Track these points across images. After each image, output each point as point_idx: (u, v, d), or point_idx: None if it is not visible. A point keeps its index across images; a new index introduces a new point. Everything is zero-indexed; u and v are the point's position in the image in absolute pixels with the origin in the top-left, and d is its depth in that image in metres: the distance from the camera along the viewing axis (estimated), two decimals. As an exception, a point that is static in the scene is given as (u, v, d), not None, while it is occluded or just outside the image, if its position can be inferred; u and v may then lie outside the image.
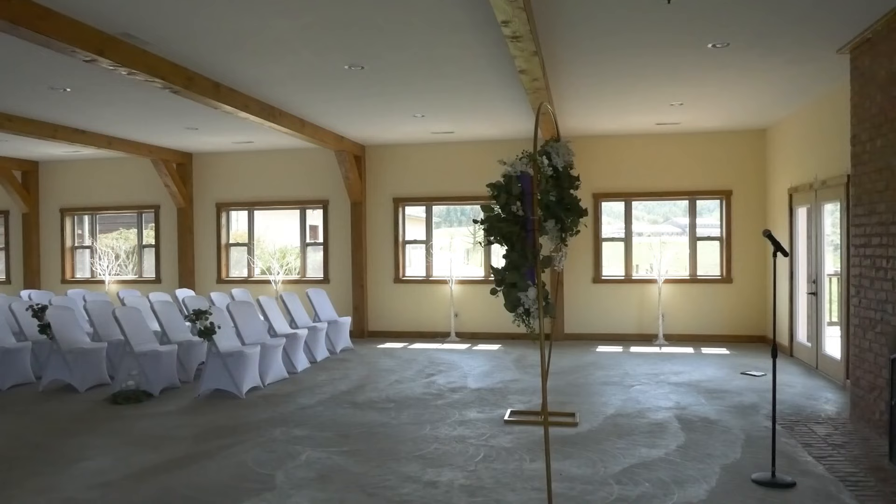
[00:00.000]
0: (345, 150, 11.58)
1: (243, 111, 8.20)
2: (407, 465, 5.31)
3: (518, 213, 4.17)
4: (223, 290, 12.24)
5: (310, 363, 9.62)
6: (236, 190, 13.13)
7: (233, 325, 8.29)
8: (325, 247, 12.77)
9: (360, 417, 6.81)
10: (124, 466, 5.42)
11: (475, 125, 10.54)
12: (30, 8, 5.04)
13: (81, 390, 8.09)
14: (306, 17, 5.62)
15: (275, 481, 5.01)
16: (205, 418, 6.87)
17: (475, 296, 12.06)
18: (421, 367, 9.45)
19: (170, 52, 6.48)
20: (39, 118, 9.71)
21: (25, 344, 8.65)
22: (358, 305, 12.31)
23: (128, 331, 7.88)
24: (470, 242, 14.00)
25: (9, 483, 5.05)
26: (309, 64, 6.99)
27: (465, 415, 6.82)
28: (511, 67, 6.93)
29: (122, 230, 14.74)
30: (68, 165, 13.96)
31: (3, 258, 14.55)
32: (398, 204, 12.42)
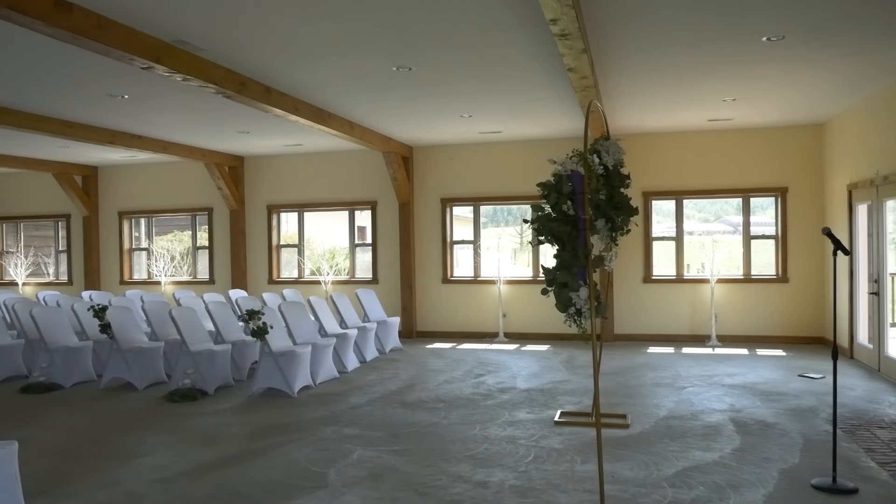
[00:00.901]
0: (392, 152, 11.65)
1: (293, 114, 8.32)
2: (457, 465, 5.31)
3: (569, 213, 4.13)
4: (274, 290, 12.45)
5: (359, 363, 9.72)
6: (286, 192, 13.34)
7: (284, 326, 8.41)
8: (373, 247, 12.88)
9: (409, 417, 6.85)
10: (182, 462, 5.55)
11: (522, 124, 10.50)
12: (90, 18, 5.20)
13: (140, 388, 8.31)
14: (355, 21, 5.68)
15: (327, 479, 5.07)
16: (258, 416, 6.99)
17: (523, 296, 12.01)
18: (470, 367, 9.45)
19: (222, 57, 6.62)
20: (98, 124, 10.02)
21: (87, 343, 8.94)
22: (406, 305, 12.37)
23: (184, 331, 8.07)
24: (517, 242, 13.94)
25: (73, 477, 5.22)
26: (357, 66, 7.06)
27: (514, 415, 6.80)
28: (559, 66, 6.88)
29: (177, 232, 15.11)
30: (125, 170, 14.38)
31: (66, 260, 15.07)
32: (446, 204, 12.45)
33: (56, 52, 6.34)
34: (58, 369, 8.56)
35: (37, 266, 15.28)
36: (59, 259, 15.32)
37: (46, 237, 15.62)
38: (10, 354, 9.14)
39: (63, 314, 9.26)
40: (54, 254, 15.41)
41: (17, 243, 15.67)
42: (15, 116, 8.89)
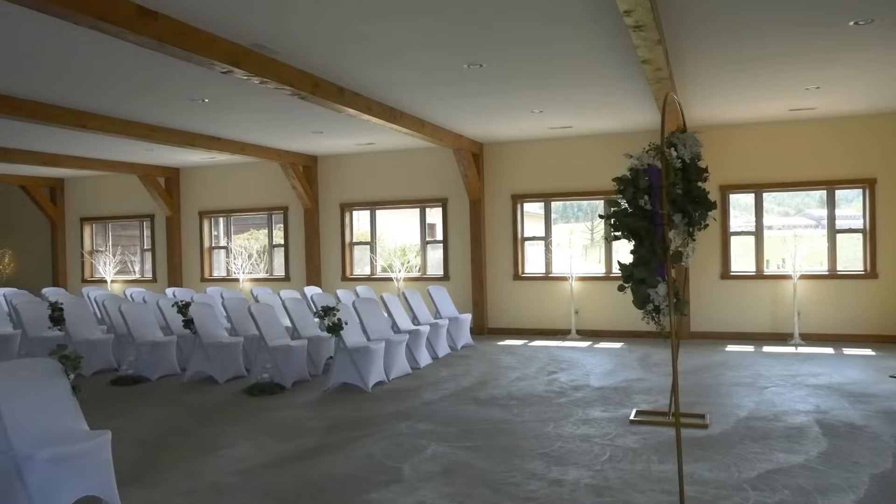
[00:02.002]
0: (463, 149, 11.68)
1: (366, 114, 8.44)
2: (531, 463, 5.29)
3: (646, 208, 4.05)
4: (348, 287, 12.66)
5: (432, 359, 9.79)
6: (358, 190, 13.54)
7: (358, 322, 8.54)
8: (444, 244, 12.94)
9: (482, 414, 6.86)
10: (262, 454, 5.72)
11: (594, 119, 10.35)
12: (174, 26, 5.41)
13: (221, 382, 8.60)
14: (427, 19, 5.71)
15: (402, 474, 5.13)
16: (334, 411, 7.13)
17: (596, 292, 11.85)
18: (542, 364, 9.39)
19: (297, 60, 6.77)
20: (180, 128, 10.40)
21: (171, 338, 9.31)
22: (478, 302, 12.39)
23: (262, 326, 8.30)
24: (588, 238, 13.76)
25: (160, 467, 5.44)
26: (429, 65, 7.10)
27: (588, 413, 6.72)
28: (633, 58, 6.75)
29: (253, 231, 15.55)
30: (205, 171, 14.89)
31: (150, 258, 15.72)
32: (516, 201, 12.40)
33: (141, 60, 6.61)
34: (145, 363, 8.94)
35: (124, 264, 15.98)
36: (144, 257, 15.99)
37: (132, 236, 16.33)
38: (101, 348, 9.59)
39: (149, 310, 9.67)
40: (140, 252, 16.09)
41: (106, 242, 16.43)
42: (104, 122, 9.33)
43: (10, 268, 16.90)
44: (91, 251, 16.52)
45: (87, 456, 4.36)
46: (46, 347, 9.10)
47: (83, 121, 9.02)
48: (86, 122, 9.05)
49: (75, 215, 16.53)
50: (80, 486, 4.33)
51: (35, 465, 4.10)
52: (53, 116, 8.65)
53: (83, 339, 9.32)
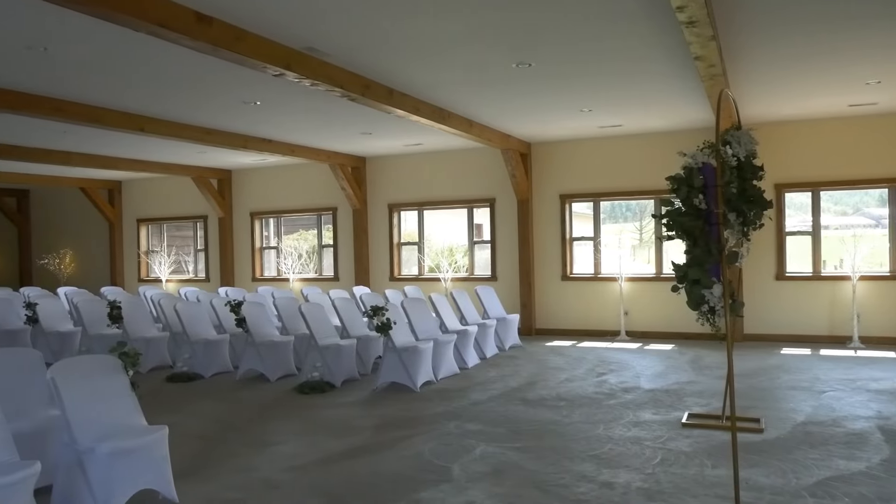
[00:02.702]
0: (511, 149, 11.64)
1: (414, 114, 8.48)
2: (581, 465, 5.25)
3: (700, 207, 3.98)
4: (396, 287, 12.73)
5: (480, 359, 9.78)
6: (406, 191, 13.62)
7: (407, 322, 8.59)
8: (492, 244, 12.92)
9: (531, 414, 6.82)
10: (313, 451, 5.79)
11: (645, 117, 10.21)
12: (228, 31, 5.52)
13: (272, 380, 8.74)
14: (477, 18, 5.72)
15: (451, 473, 5.13)
16: (383, 410, 7.18)
17: (646, 293, 11.69)
18: (591, 365, 9.30)
19: (348, 62, 6.85)
20: (233, 130, 10.61)
21: (224, 336, 9.50)
22: (526, 303, 12.33)
23: (312, 325, 8.41)
24: (636, 239, 13.57)
25: (214, 462, 5.56)
26: (478, 65, 7.10)
27: (639, 416, 6.63)
28: (685, 55, 6.63)
29: (302, 231, 15.77)
30: (256, 172, 15.16)
31: (203, 258, 16.08)
32: (565, 200, 12.30)
33: (197, 64, 6.76)
34: (199, 360, 9.15)
35: (178, 264, 16.38)
36: (198, 257, 16.36)
37: (186, 237, 16.73)
38: (157, 346, 9.85)
39: (203, 309, 9.89)
40: (193, 252, 16.47)
41: (161, 243, 16.87)
42: (161, 125, 9.58)
43: (71, 267, 17.48)
44: (147, 251, 16.98)
45: (146, 450, 4.48)
46: (105, 344, 9.42)
47: (141, 124, 9.28)
48: (143, 125, 9.31)
49: (132, 216, 17.01)
50: (138, 480, 4.45)
51: (96, 458, 4.23)
52: (114, 121, 8.92)
53: (140, 337, 9.58)
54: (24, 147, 11.66)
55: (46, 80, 7.42)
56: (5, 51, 6.32)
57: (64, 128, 9.78)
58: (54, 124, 9.36)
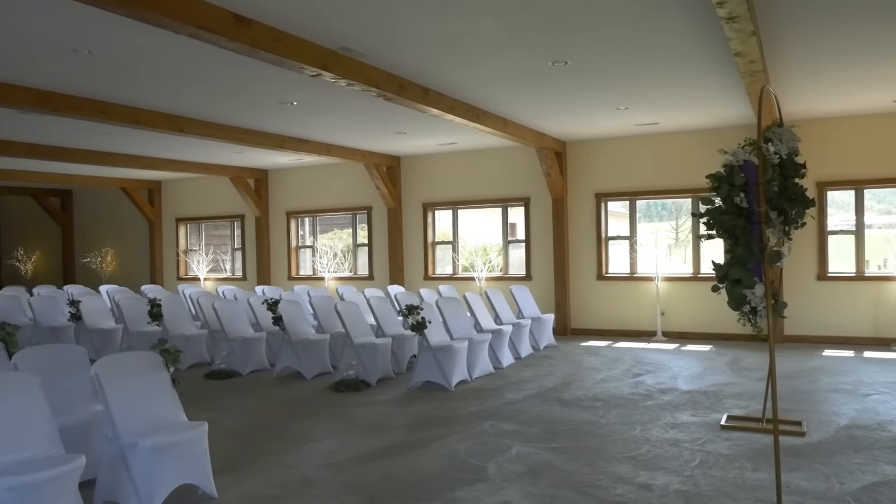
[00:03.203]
0: (546, 147, 11.58)
1: (449, 113, 8.49)
2: (618, 466, 5.20)
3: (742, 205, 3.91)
4: (430, 286, 12.75)
5: (514, 359, 9.75)
6: (441, 190, 13.63)
7: (442, 321, 8.60)
8: (526, 244, 12.87)
9: (567, 415, 6.78)
10: (349, 449, 5.83)
11: (682, 114, 10.07)
12: (266, 32, 5.58)
13: (308, 377, 8.82)
14: (513, 17, 5.70)
15: (487, 473, 5.13)
16: (418, 408, 7.20)
17: (683, 293, 11.54)
18: (627, 366, 9.21)
19: (383, 62, 6.88)
20: (270, 131, 10.73)
21: (261, 334, 9.62)
22: (560, 302, 12.26)
23: (348, 324, 8.47)
24: (672, 238, 13.40)
25: (253, 458, 5.63)
26: (513, 63, 7.08)
27: (676, 417, 6.55)
28: (724, 51, 6.53)
29: (336, 230, 15.89)
30: (292, 172, 15.31)
31: (240, 257, 16.30)
32: (600, 199, 12.21)
33: (235, 66, 6.85)
34: (236, 358, 9.27)
35: (215, 262, 16.63)
36: (235, 256, 16.59)
37: (224, 236, 16.97)
38: (195, 343, 10.01)
39: (240, 307, 10.02)
40: (230, 251, 16.70)
41: (199, 242, 17.14)
42: (200, 126, 9.73)
43: (112, 266, 17.84)
44: (185, 250, 17.26)
45: (186, 445, 4.56)
46: (146, 342, 9.60)
47: (181, 125, 9.43)
48: (183, 126, 9.46)
49: (171, 216, 17.31)
50: (179, 474, 4.53)
51: (138, 453, 4.32)
52: (154, 122, 9.09)
53: (179, 335, 9.74)
54: (68, 148, 11.94)
55: (91, 83, 7.59)
56: (52, 54, 6.48)
57: (106, 129, 9.99)
58: (97, 126, 9.57)
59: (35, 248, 19.20)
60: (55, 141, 11.33)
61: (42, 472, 3.78)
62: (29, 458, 3.93)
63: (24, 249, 19.01)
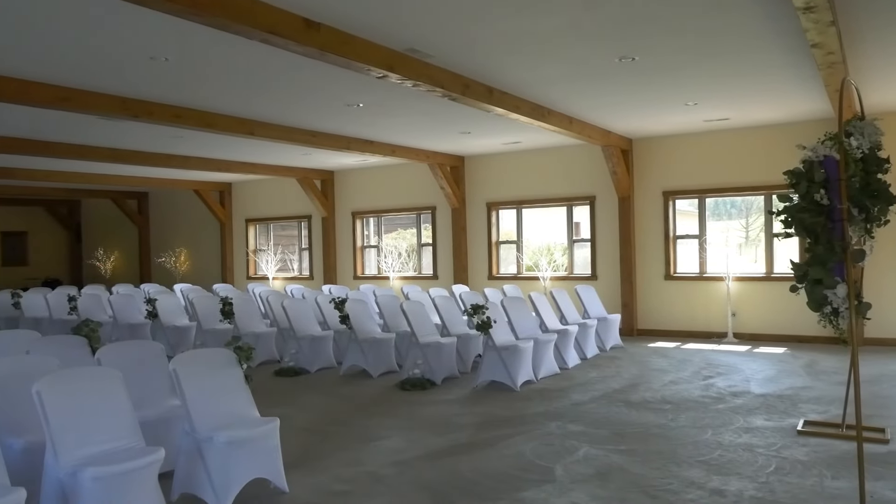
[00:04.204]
0: (611, 145, 11.41)
1: (514, 112, 8.45)
2: (689, 470, 5.08)
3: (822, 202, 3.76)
4: (494, 286, 12.73)
5: (580, 359, 9.64)
6: (504, 189, 13.59)
7: (507, 320, 8.57)
8: (592, 243, 12.72)
9: (635, 417, 6.67)
10: (415, 447, 5.87)
11: (754, 109, 9.77)
12: (335, 35, 5.68)
13: (374, 376, 8.92)
14: (579, 15, 5.64)
15: (554, 474, 5.09)
16: (483, 408, 7.20)
17: (755, 294, 11.19)
18: (696, 368, 8.99)
19: (449, 62, 6.90)
20: (337, 132, 10.91)
21: (328, 332, 9.78)
22: (627, 303, 12.07)
23: (413, 323, 8.53)
24: (742, 237, 12.99)
25: (323, 454, 5.74)
26: (579, 61, 7.01)
27: (750, 421, 6.35)
28: (801, 43, 6.30)
29: (400, 230, 16.02)
30: (357, 173, 15.52)
31: (307, 257, 16.62)
32: (668, 197, 11.95)
33: (303, 69, 6.99)
34: (304, 356, 9.46)
35: (283, 262, 17.00)
36: (302, 256, 16.92)
37: (291, 236, 17.34)
38: (265, 341, 10.25)
39: (308, 306, 10.21)
40: (298, 251, 17.04)
41: (268, 242, 17.56)
42: (270, 129, 9.97)
43: (186, 265, 18.46)
44: (254, 250, 17.71)
45: (259, 440, 4.67)
46: (218, 339, 9.90)
47: (251, 129, 9.68)
48: (254, 129, 9.71)
49: (241, 216, 17.79)
50: (252, 468, 4.65)
51: (214, 447, 4.45)
52: (226, 125, 9.36)
53: (250, 332, 9.99)
54: (145, 152, 12.40)
55: (167, 89, 7.86)
56: (131, 62, 6.74)
57: (180, 133, 10.33)
58: (172, 130, 9.92)
59: (114, 249, 20.02)
60: (133, 145, 11.79)
61: (125, 463, 3.94)
62: (112, 449, 4.09)
63: (104, 250, 19.85)
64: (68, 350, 5.57)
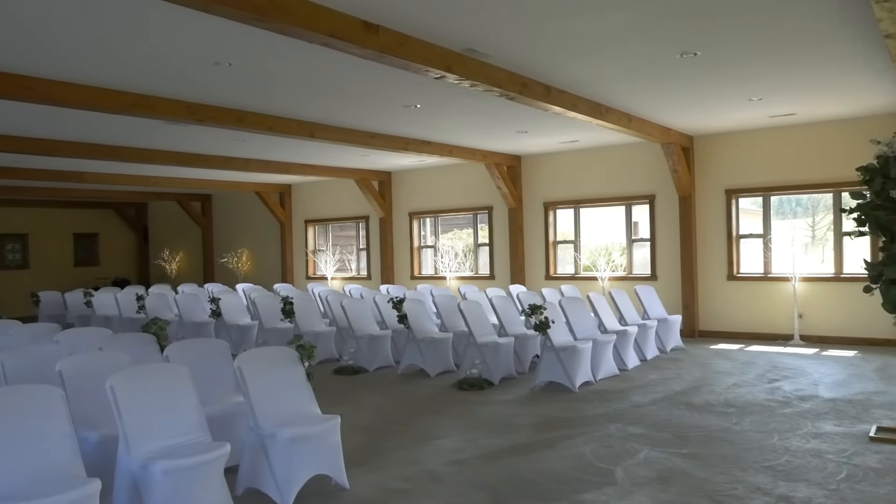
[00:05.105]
0: (672, 143, 11.20)
1: (572, 111, 8.37)
2: (755, 476, 4.95)
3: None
4: (551, 286, 12.63)
5: (640, 361, 9.49)
6: (562, 188, 13.48)
7: (565, 321, 8.50)
8: (651, 243, 12.50)
9: (697, 420, 6.53)
10: (474, 447, 5.88)
11: (822, 104, 9.45)
12: (393, 37, 5.72)
13: (432, 375, 8.96)
14: (639, 11, 5.55)
15: (614, 476, 5.02)
16: (541, 409, 7.16)
17: (824, 295, 10.82)
18: (761, 370, 8.75)
19: (506, 61, 6.88)
20: (394, 133, 10.99)
21: (387, 332, 9.87)
22: (688, 303, 11.82)
23: (471, 323, 8.54)
24: (809, 236, 12.57)
25: (382, 453, 5.79)
26: (639, 57, 6.90)
27: (819, 427, 6.15)
28: (873, 33, 6.06)
29: (456, 231, 16.05)
30: (414, 174, 15.62)
31: (365, 257, 16.81)
32: (731, 196, 11.66)
33: (361, 71, 7.07)
34: (363, 355, 9.57)
35: (342, 262, 17.22)
36: (360, 256, 17.12)
37: (349, 237, 17.55)
38: (324, 340, 10.40)
39: (366, 306, 10.33)
40: (355, 251, 17.25)
41: (327, 242, 17.82)
42: (329, 131, 10.11)
43: (247, 265, 18.88)
44: (314, 250, 17.99)
45: (321, 437, 4.75)
46: (279, 337, 10.09)
47: (311, 131, 9.85)
48: (314, 132, 9.87)
49: (300, 218, 18.10)
50: (314, 465, 4.73)
51: (277, 443, 4.55)
52: (287, 128, 9.54)
53: (310, 331, 10.16)
54: (208, 155, 12.73)
55: (230, 93, 8.06)
56: (196, 68, 6.94)
57: (242, 136, 10.58)
58: (234, 133, 10.16)
59: (179, 249, 20.62)
60: (197, 149, 12.12)
61: (194, 457, 4.06)
62: (181, 443, 4.22)
63: (170, 250, 20.47)
64: (138, 347, 5.77)
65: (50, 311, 14.28)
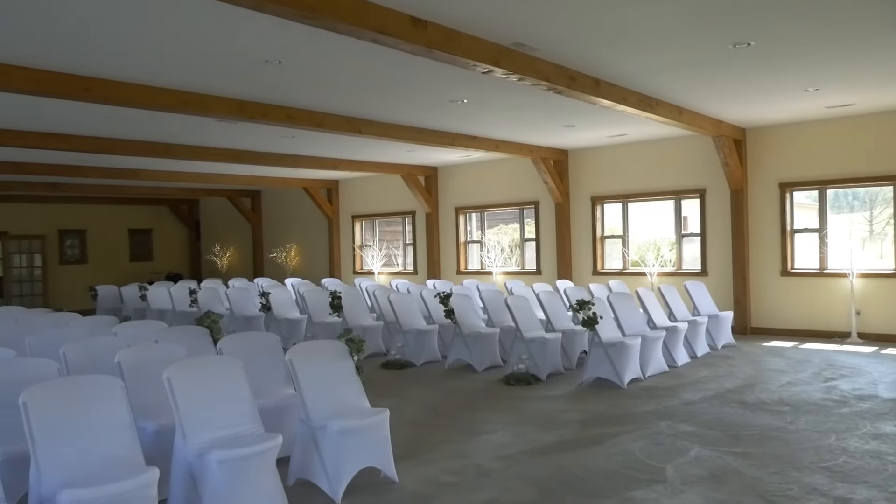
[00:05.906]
0: (723, 135, 10.97)
1: (621, 104, 8.27)
2: (810, 476, 4.83)
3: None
4: (599, 281, 12.50)
5: (690, 358, 9.33)
6: (610, 183, 13.32)
7: (613, 317, 8.41)
8: (702, 237, 12.27)
9: (749, 419, 6.40)
10: (521, 442, 5.87)
11: (882, 94, 9.14)
12: (441, 32, 5.74)
13: (479, 370, 8.97)
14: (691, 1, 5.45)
15: (665, 474, 4.96)
16: (589, 405, 7.10)
17: (883, 291, 10.48)
18: (817, 369, 8.52)
19: (554, 55, 6.83)
20: (441, 129, 11.01)
21: (434, 327, 9.91)
22: (739, 300, 11.58)
23: (518, 318, 8.51)
24: (867, 230, 12.18)
25: (430, 447, 5.82)
26: (689, 49, 6.78)
27: (878, 427, 5.97)
28: (938, 21, 5.85)
29: (502, 226, 16.00)
30: (460, 169, 15.62)
31: (411, 252, 16.89)
32: (784, 189, 11.37)
33: (409, 67, 7.10)
34: (410, 349, 9.63)
35: (388, 257, 17.34)
36: (406, 251, 17.21)
37: (396, 232, 17.66)
38: (372, 334, 10.49)
39: (413, 300, 10.38)
40: (402, 246, 17.35)
41: (374, 237, 17.97)
42: (376, 127, 10.19)
43: (296, 260, 19.15)
44: (361, 245, 18.16)
45: (371, 430, 4.80)
46: (328, 331, 10.22)
47: (359, 127, 9.93)
48: (361, 128, 9.96)
49: (347, 213, 18.28)
50: (363, 457, 4.79)
51: (328, 435, 4.61)
52: (335, 125, 9.64)
53: (357, 325, 10.25)
54: (258, 152, 12.96)
55: (279, 91, 8.18)
56: (247, 66, 7.06)
57: (291, 133, 10.73)
58: (283, 130, 10.31)
59: (229, 244, 21.04)
60: (247, 146, 12.34)
61: (247, 447, 4.15)
62: (234, 434, 4.32)
63: (220, 245, 20.90)
64: (192, 340, 5.91)
65: (107, 305, 14.73)
